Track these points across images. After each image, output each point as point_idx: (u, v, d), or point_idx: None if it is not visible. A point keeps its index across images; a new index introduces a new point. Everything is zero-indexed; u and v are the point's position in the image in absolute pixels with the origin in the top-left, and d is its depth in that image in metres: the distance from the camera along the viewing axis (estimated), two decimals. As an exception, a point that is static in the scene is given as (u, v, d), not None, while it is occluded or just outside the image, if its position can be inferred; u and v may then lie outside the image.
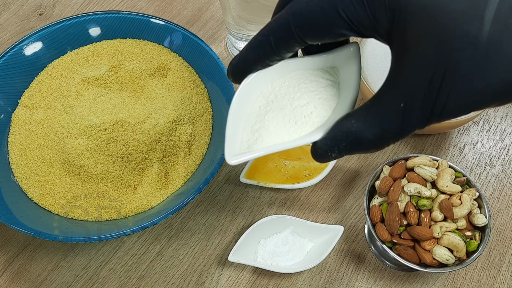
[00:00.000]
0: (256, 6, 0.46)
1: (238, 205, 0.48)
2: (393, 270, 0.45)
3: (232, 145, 0.26)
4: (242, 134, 0.27)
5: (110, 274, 0.44)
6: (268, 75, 0.27)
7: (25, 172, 0.44)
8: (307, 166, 0.46)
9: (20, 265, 0.45)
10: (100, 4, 0.62)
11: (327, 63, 0.27)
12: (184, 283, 0.44)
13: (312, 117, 0.27)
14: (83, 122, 0.44)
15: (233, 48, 0.57)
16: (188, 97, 0.48)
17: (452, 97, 0.21)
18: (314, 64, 0.27)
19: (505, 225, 0.47)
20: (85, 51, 0.50)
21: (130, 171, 0.43)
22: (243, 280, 0.44)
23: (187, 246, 0.46)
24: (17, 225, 0.39)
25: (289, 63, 0.27)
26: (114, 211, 0.43)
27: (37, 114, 0.47)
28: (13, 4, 0.61)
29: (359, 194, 0.49)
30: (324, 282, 0.44)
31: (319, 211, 0.48)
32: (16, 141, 0.45)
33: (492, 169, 0.51)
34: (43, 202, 0.43)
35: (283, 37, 0.24)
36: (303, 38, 0.24)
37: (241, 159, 0.26)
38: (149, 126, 0.44)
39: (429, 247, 0.37)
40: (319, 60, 0.27)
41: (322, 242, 0.44)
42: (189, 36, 0.50)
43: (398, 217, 0.38)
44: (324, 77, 0.27)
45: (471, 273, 0.45)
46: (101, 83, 0.47)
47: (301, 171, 0.46)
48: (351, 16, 0.22)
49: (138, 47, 0.51)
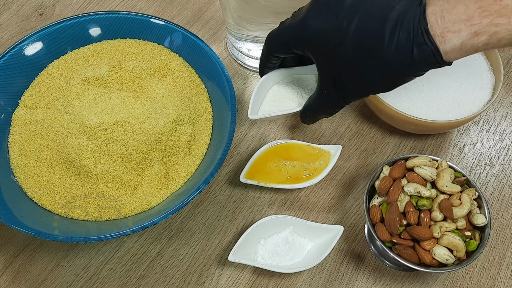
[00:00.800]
0: (256, 7, 0.46)
1: (238, 205, 0.48)
2: (393, 270, 0.45)
3: (253, 109, 0.44)
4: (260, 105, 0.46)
5: (110, 274, 0.44)
6: (277, 75, 0.46)
7: (25, 172, 0.44)
8: (307, 166, 0.46)
9: (20, 265, 0.45)
10: (100, 4, 0.62)
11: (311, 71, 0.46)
12: (184, 283, 0.44)
13: (299, 99, 0.46)
14: (84, 122, 0.44)
15: (233, 48, 0.57)
16: (188, 97, 0.48)
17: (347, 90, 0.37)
18: (302, 70, 0.46)
19: (505, 225, 0.47)
20: (85, 51, 0.50)
21: (130, 171, 0.43)
22: (243, 280, 0.44)
23: (187, 246, 0.46)
24: (18, 225, 0.39)
25: (289, 69, 0.46)
26: (114, 211, 0.43)
27: (38, 114, 0.47)
28: (14, 4, 0.61)
29: (359, 194, 0.49)
30: (324, 282, 0.44)
31: (319, 211, 0.48)
32: (16, 141, 0.46)
33: (491, 169, 0.51)
34: (43, 202, 0.43)
35: (265, 53, 0.43)
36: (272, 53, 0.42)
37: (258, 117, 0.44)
38: (149, 126, 0.44)
39: (429, 247, 0.37)
40: (304, 68, 0.46)
41: (322, 242, 0.44)
42: (189, 36, 0.50)
43: (398, 217, 0.38)
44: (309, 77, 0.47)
45: (471, 273, 0.45)
46: (102, 83, 0.47)
47: (301, 171, 0.46)
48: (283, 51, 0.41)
49: (138, 47, 0.51)
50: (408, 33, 0.31)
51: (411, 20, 0.31)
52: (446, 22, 0.30)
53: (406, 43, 0.31)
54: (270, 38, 0.41)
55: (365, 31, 0.33)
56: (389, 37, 0.31)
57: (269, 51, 0.42)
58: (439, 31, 0.30)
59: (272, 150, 0.47)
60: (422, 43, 0.30)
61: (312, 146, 0.47)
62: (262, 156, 0.47)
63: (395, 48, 0.31)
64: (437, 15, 0.30)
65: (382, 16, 0.32)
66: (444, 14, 0.30)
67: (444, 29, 0.30)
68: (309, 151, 0.47)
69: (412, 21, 0.31)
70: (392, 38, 0.31)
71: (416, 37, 0.30)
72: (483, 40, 0.29)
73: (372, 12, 0.33)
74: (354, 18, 0.33)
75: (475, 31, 0.29)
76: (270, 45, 0.41)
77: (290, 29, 0.38)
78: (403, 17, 0.31)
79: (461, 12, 0.29)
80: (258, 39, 0.52)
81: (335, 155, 0.46)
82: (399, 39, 0.31)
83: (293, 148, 0.47)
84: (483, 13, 0.29)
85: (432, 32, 0.30)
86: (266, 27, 0.50)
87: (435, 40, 0.30)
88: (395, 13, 0.31)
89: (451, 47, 0.30)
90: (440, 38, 0.30)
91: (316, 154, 0.47)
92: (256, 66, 0.56)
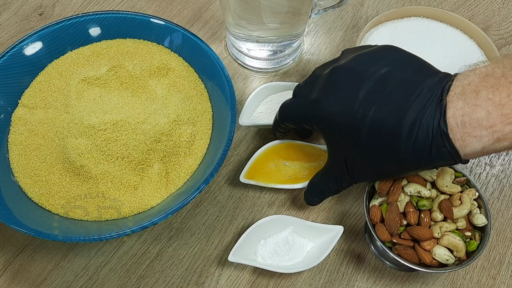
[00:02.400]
0: (256, 6, 0.46)
1: (238, 205, 0.48)
2: (393, 270, 0.45)
3: (244, 115, 0.48)
4: (253, 112, 0.50)
5: (110, 274, 0.44)
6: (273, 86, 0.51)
7: (25, 172, 0.44)
8: (307, 166, 0.46)
9: (20, 265, 0.45)
10: (100, 4, 0.62)
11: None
12: (184, 283, 0.44)
13: None
14: (83, 122, 0.44)
15: (233, 48, 0.57)
16: (188, 97, 0.48)
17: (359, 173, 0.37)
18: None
19: (505, 225, 0.47)
20: (85, 51, 0.50)
21: (130, 171, 0.43)
22: (243, 280, 0.44)
23: (187, 246, 0.46)
24: (17, 225, 0.39)
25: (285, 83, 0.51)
26: (114, 211, 0.43)
27: (37, 114, 0.47)
28: (13, 4, 0.61)
29: (359, 194, 0.49)
30: (324, 282, 0.44)
31: (319, 211, 0.48)
32: (16, 141, 0.45)
33: (492, 169, 0.51)
34: (43, 202, 0.43)
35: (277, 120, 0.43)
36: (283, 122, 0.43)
37: (249, 124, 0.48)
38: (149, 126, 0.44)
39: (429, 247, 0.37)
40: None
41: (322, 242, 0.44)
42: (189, 36, 0.50)
43: (398, 217, 0.38)
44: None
45: (471, 273, 0.45)
46: (101, 83, 0.47)
47: (301, 171, 0.46)
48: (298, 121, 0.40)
49: (138, 47, 0.51)
50: (427, 134, 0.30)
51: (430, 121, 0.30)
52: (467, 126, 0.29)
53: (425, 144, 0.30)
54: (282, 110, 0.42)
55: (382, 125, 0.32)
56: (406, 134, 0.31)
57: (281, 120, 0.42)
58: (460, 135, 0.29)
59: (272, 150, 0.47)
60: (441, 145, 0.30)
61: (312, 146, 0.47)
62: (262, 156, 0.47)
63: (412, 146, 0.31)
64: (458, 119, 0.29)
65: (400, 112, 0.31)
66: (464, 119, 0.29)
67: (464, 134, 0.29)
68: (309, 151, 0.47)
69: (432, 123, 0.30)
70: (410, 136, 0.31)
71: (435, 139, 0.30)
72: (505, 145, 0.29)
73: (389, 106, 0.32)
74: (371, 109, 0.32)
75: (498, 137, 0.28)
76: (282, 116, 0.42)
77: (303, 108, 0.38)
78: (422, 117, 0.30)
79: (482, 118, 0.28)
80: (258, 38, 0.52)
81: None
82: (417, 138, 0.30)
83: (293, 148, 0.47)
84: (506, 120, 0.28)
85: (451, 136, 0.29)
86: (266, 27, 0.50)
87: (455, 144, 0.29)
88: (413, 111, 0.30)
89: (471, 151, 0.30)
90: (460, 142, 0.29)
91: (316, 154, 0.47)
92: (256, 66, 0.56)
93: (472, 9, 0.62)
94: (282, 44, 0.53)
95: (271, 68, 0.56)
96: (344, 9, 0.62)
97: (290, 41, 0.54)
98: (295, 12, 0.48)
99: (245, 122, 0.48)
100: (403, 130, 0.31)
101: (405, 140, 0.31)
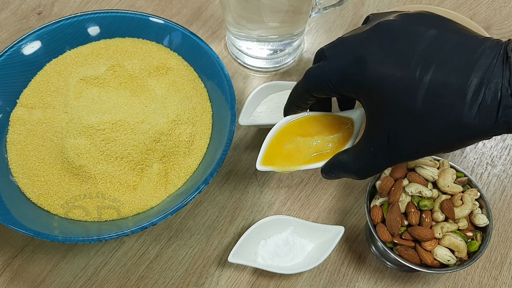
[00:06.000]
0: (256, 5, 0.46)
1: (238, 205, 0.48)
2: (394, 270, 0.45)
3: (244, 115, 0.47)
4: (253, 112, 0.48)
5: (109, 274, 0.44)
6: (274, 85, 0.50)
7: (23, 172, 0.44)
8: (330, 139, 0.40)
9: (19, 266, 0.44)
10: (99, 3, 0.61)
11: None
12: (183, 284, 0.44)
13: None
14: (82, 122, 0.43)
15: (233, 47, 0.57)
16: (188, 96, 0.48)
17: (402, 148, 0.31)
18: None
19: (507, 225, 0.47)
20: (84, 50, 0.50)
21: (129, 171, 0.43)
22: (243, 281, 0.44)
23: (187, 247, 0.46)
24: (16, 225, 0.39)
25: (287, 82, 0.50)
26: (114, 211, 0.43)
27: (36, 113, 0.46)
28: (12, 3, 0.61)
29: (360, 194, 0.49)
30: (324, 283, 0.44)
31: (319, 211, 0.48)
32: (14, 141, 0.45)
33: (493, 169, 0.50)
34: (42, 202, 0.43)
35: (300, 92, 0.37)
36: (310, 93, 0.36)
37: (249, 123, 0.46)
38: (148, 125, 0.44)
39: (430, 247, 0.37)
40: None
41: (323, 243, 0.43)
42: (188, 35, 0.49)
43: (399, 217, 0.38)
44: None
45: (472, 273, 0.45)
46: (100, 82, 0.47)
47: (325, 145, 0.40)
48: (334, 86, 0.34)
49: (137, 46, 0.50)
50: (495, 93, 0.28)
51: (499, 79, 0.28)
52: None
53: (492, 104, 0.28)
54: (310, 78, 0.35)
55: (444, 84, 0.29)
56: (473, 94, 0.28)
57: (309, 90, 0.36)
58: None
59: (285, 130, 0.40)
60: (509, 106, 0.28)
61: (332, 115, 0.40)
62: (275, 139, 0.40)
63: (479, 107, 0.28)
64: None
65: (464, 71, 0.29)
66: None
67: None
68: (328, 122, 0.40)
69: (500, 82, 0.28)
70: (477, 96, 0.28)
71: (504, 99, 0.28)
72: None
73: (451, 64, 0.29)
74: (430, 68, 0.29)
75: None
76: (311, 86, 0.35)
77: (342, 70, 0.33)
78: (489, 75, 0.28)
79: None
80: (258, 37, 0.52)
81: None
82: (484, 98, 0.28)
83: (309, 122, 0.40)
84: None
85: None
86: (266, 26, 0.49)
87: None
88: (479, 70, 0.28)
89: None
90: None
91: (337, 123, 0.40)
92: (256, 65, 0.56)
93: (473, 8, 0.62)
94: (282, 43, 0.53)
95: (271, 67, 0.56)
96: (344, 8, 0.62)
97: (290, 40, 0.53)
98: (295, 10, 0.48)
99: (245, 122, 0.48)
100: (469, 90, 0.28)
101: (470, 100, 0.28)
